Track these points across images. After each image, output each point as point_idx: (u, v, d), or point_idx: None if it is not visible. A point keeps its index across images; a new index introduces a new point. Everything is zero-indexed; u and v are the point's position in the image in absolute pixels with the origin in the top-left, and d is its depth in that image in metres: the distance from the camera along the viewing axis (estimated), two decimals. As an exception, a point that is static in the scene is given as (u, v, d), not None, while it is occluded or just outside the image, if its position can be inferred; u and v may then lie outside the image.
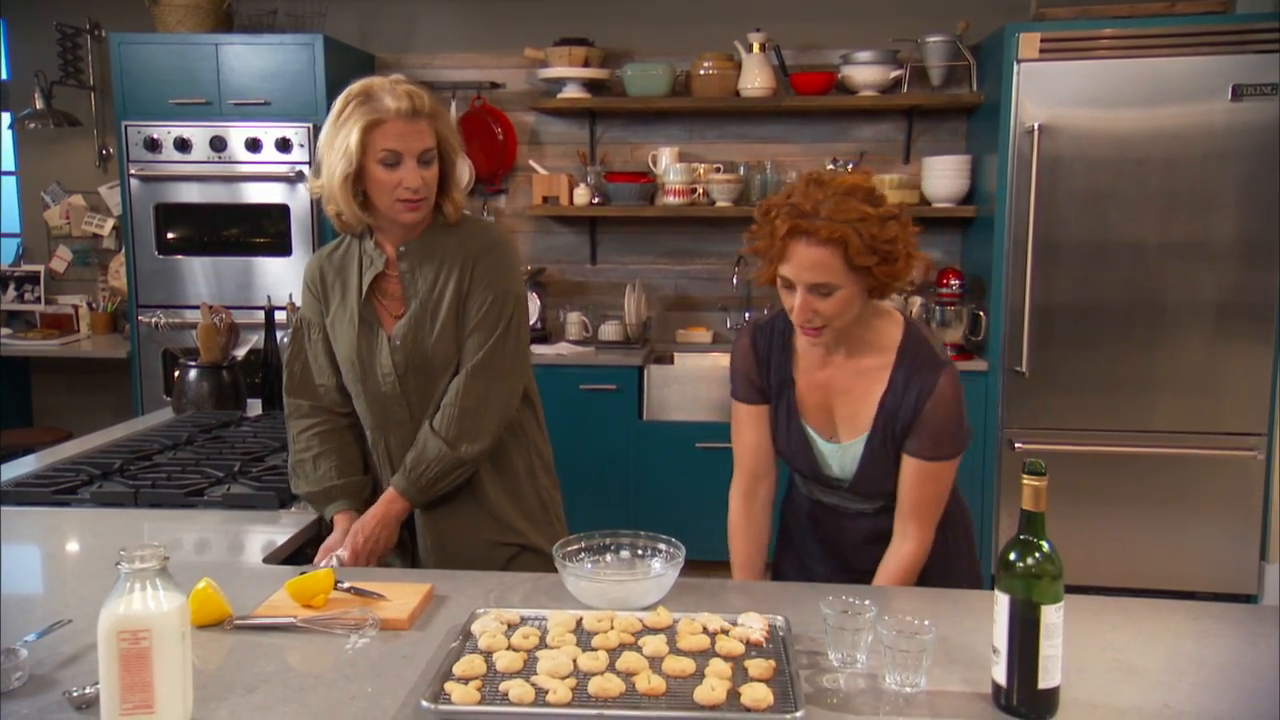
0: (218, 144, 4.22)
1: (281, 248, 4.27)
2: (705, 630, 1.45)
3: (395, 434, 2.00)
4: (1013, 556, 1.28)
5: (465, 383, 1.93)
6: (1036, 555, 1.27)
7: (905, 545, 1.78)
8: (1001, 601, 1.28)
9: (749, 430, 1.91)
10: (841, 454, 1.82)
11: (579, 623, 1.47)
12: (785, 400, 1.85)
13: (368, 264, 1.97)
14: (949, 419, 1.74)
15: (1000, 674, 1.29)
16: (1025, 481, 1.29)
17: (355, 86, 1.88)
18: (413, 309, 1.95)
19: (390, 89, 1.86)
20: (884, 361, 1.77)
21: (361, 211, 1.92)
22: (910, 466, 1.76)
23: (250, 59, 4.21)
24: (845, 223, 1.60)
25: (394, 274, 1.98)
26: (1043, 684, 1.26)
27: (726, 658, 1.37)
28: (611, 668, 1.34)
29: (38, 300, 4.99)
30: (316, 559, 1.90)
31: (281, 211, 4.26)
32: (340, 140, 1.85)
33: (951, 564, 1.87)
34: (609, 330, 4.40)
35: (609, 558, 1.71)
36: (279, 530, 1.98)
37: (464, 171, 2.00)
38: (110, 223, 4.95)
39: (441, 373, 1.96)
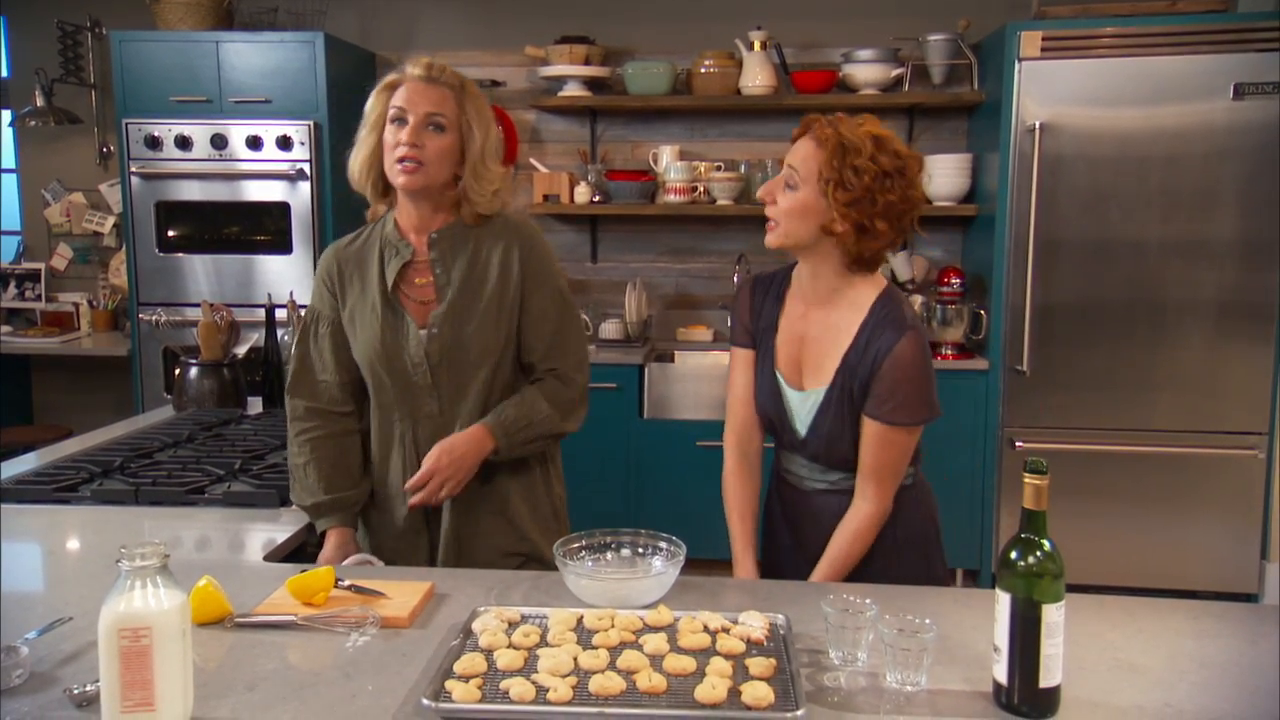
0: (218, 141, 4.22)
1: (282, 245, 4.27)
2: (706, 629, 1.45)
3: (424, 426, 1.96)
4: (1014, 555, 1.28)
5: (577, 373, 1.99)
6: (1038, 554, 1.27)
7: (863, 506, 1.81)
8: (1002, 600, 1.28)
9: (741, 375, 1.95)
10: (803, 402, 1.84)
11: (580, 621, 1.47)
12: (766, 345, 1.90)
13: (392, 253, 1.95)
14: (905, 382, 1.75)
15: (1001, 673, 1.29)
16: (1027, 480, 1.29)
17: None
18: (450, 297, 1.92)
19: (414, 60, 1.91)
20: (855, 318, 1.81)
21: (380, 185, 1.93)
22: (868, 429, 1.79)
23: (251, 56, 4.21)
24: (837, 134, 1.72)
25: (420, 262, 1.95)
26: (1043, 683, 1.26)
27: (727, 656, 1.37)
28: (612, 666, 1.33)
29: (38, 298, 4.99)
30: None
31: (282, 209, 4.26)
32: (366, 111, 1.92)
33: (897, 559, 1.85)
34: (609, 328, 4.40)
35: (609, 556, 1.70)
36: (279, 528, 1.98)
37: (490, 164, 1.93)
38: (111, 220, 4.96)
39: (477, 365, 1.93)
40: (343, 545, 1.94)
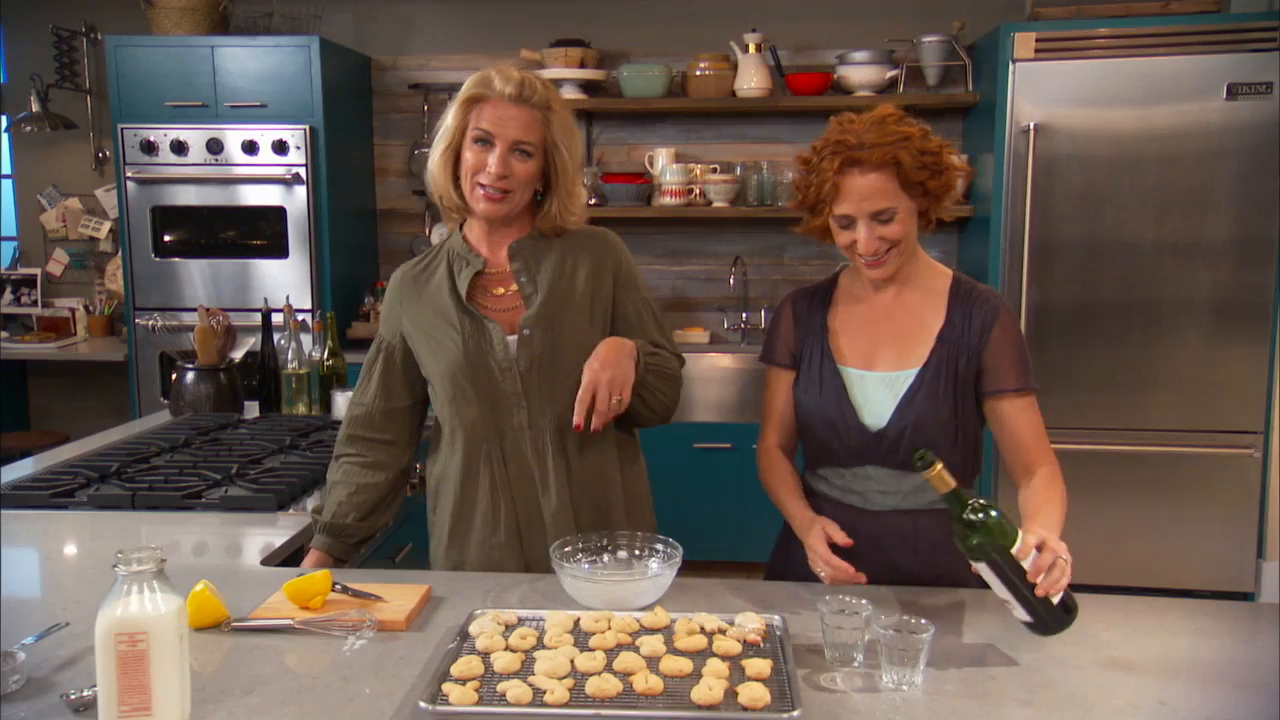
0: (214, 146, 4.22)
1: (278, 250, 4.27)
2: (702, 630, 1.45)
3: (510, 441, 1.85)
4: (962, 534, 1.40)
5: (673, 347, 1.95)
6: (976, 514, 1.39)
7: (1045, 471, 1.69)
8: (982, 569, 1.40)
9: (780, 394, 1.86)
10: (888, 385, 1.74)
11: (576, 623, 1.47)
12: (819, 347, 1.80)
13: (462, 265, 1.88)
14: (1020, 343, 1.73)
15: (1023, 614, 1.41)
16: (924, 476, 1.43)
17: (484, 71, 1.83)
18: (540, 300, 1.85)
19: (504, 73, 1.79)
20: (937, 297, 1.76)
21: (458, 195, 1.84)
22: (1006, 407, 1.71)
23: (246, 61, 4.21)
24: (891, 145, 1.62)
25: (497, 272, 1.89)
26: (1057, 597, 1.40)
27: (724, 657, 1.38)
28: (609, 668, 1.34)
29: (34, 303, 4.99)
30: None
31: (278, 214, 4.25)
32: (445, 117, 1.82)
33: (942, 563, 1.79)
34: (606, 331, 4.39)
35: (606, 558, 1.71)
36: (276, 532, 1.98)
37: (576, 184, 1.87)
38: (107, 225, 4.95)
39: (568, 372, 1.82)
40: (316, 566, 1.88)
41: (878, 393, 1.75)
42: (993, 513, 1.40)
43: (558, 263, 1.89)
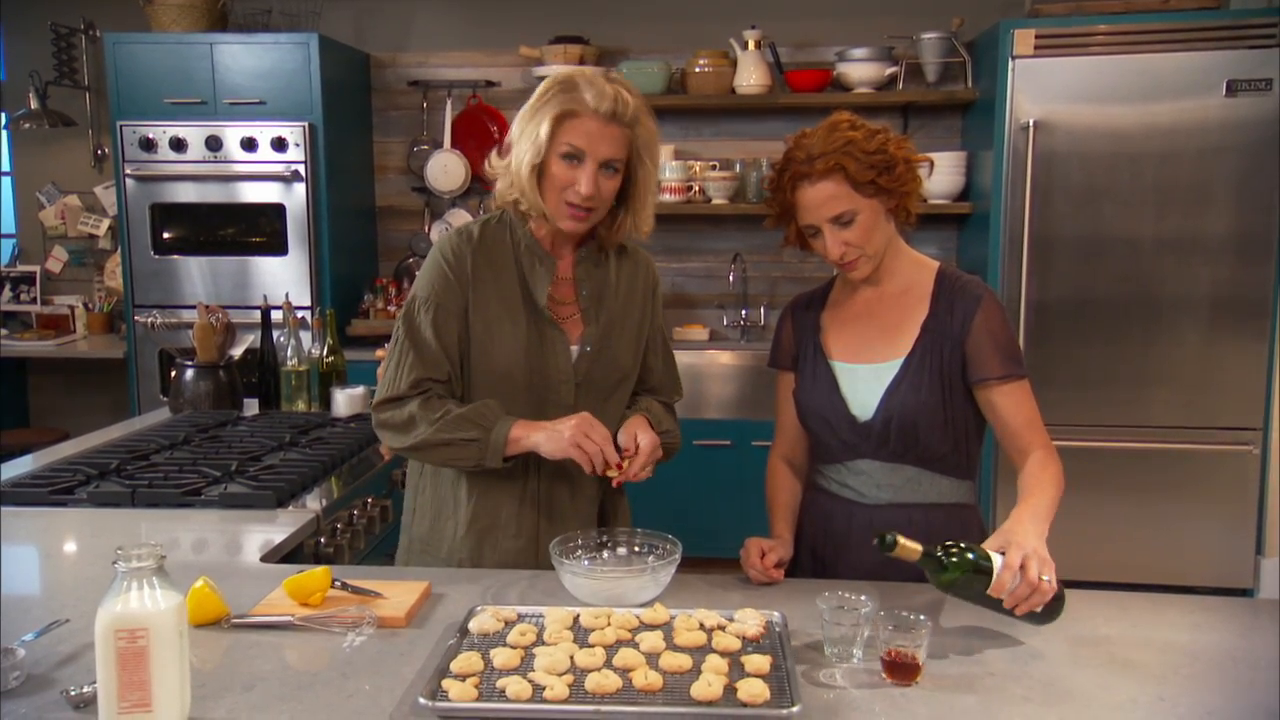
0: (213, 143, 4.22)
1: (277, 247, 4.27)
2: (702, 626, 1.45)
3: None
4: (940, 583, 1.44)
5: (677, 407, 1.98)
6: (948, 569, 1.43)
7: (1041, 457, 1.71)
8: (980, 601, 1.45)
9: (785, 398, 1.92)
10: (874, 377, 1.77)
11: (576, 619, 1.48)
12: (813, 345, 1.85)
13: (534, 263, 1.81)
14: (1004, 331, 1.74)
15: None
16: (894, 555, 1.43)
17: (562, 73, 1.74)
18: (603, 317, 1.84)
19: (594, 84, 1.70)
20: (922, 289, 1.79)
21: (545, 203, 1.75)
22: (993, 395, 1.73)
23: (245, 58, 4.21)
24: (835, 152, 1.68)
25: (562, 278, 1.84)
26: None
27: (723, 653, 1.38)
28: (609, 664, 1.34)
29: (34, 301, 4.99)
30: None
31: (277, 211, 4.25)
32: (532, 128, 1.71)
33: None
34: (606, 328, 4.39)
35: (606, 555, 1.71)
36: (276, 529, 1.98)
37: (651, 193, 1.81)
38: (106, 223, 4.95)
39: (613, 389, 1.85)
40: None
41: (865, 384, 1.78)
42: (968, 556, 1.43)
43: (613, 278, 1.88)
